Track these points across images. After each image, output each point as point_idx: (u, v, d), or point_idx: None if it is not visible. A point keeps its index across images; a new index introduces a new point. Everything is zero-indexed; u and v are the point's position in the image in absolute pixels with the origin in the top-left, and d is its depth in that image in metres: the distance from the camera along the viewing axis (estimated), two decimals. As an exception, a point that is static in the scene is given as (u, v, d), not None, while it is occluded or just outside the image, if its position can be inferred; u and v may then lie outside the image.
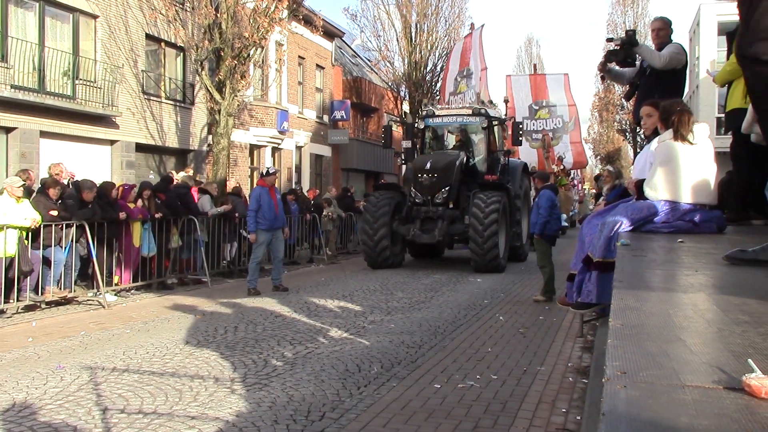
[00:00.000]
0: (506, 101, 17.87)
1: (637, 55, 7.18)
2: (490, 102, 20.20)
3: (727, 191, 6.05)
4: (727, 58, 6.24)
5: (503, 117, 17.67)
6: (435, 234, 14.74)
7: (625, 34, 7.28)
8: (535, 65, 47.14)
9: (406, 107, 31.89)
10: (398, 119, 31.30)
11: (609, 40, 7.39)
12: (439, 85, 29.42)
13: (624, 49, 7.15)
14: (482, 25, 24.78)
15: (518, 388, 5.80)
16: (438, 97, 27.90)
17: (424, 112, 17.18)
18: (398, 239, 15.41)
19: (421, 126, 17.00)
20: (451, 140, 17.05)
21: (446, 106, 18.63)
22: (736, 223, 5.67)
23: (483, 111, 16.46)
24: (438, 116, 16.79)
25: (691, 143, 4.42)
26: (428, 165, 15.09)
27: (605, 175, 9.76)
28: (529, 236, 10.14)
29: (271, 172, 11.86)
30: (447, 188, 14.99)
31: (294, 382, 5.88)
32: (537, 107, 28.78)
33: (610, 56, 7.30)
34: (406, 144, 17.70)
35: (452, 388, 5.73)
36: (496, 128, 16.84)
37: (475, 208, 14.14)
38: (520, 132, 16.63)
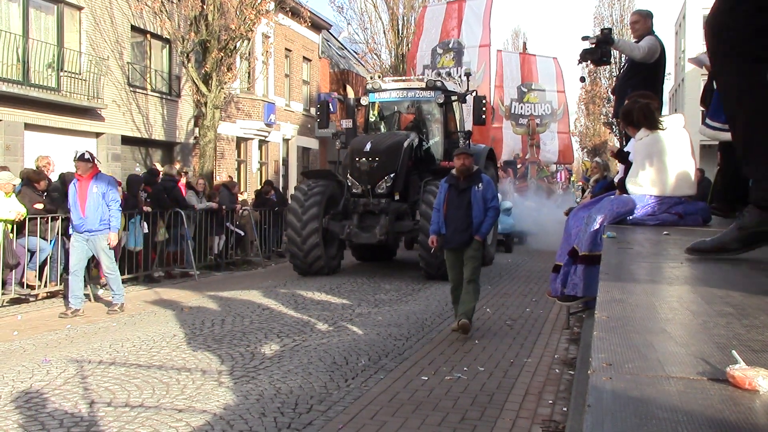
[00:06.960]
0: (468, 74, 15.05)
1: (617, 52, 7.16)
2: (448, 74, 18.24)
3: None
4: None
5: (464, 92, 14.47)
6: (376, 232, 12.16)
7: (601, 32, 7.23)
8: (524, 43, 46.57)
9: None
10: (340, 95, 26.49)
11: (584, 38, 7.33)
12: None
13: (600, 48, 7.14)
14: None
15: (505, 380, 5.83)
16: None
17: (369, 86, 14.32)
18: (333, 239, 12.89)
19: (365, 102, 14.20)
20: (400, 119, 14.56)
21: (401, 78, 15.78)
22: (723, 215, 5.71)
23: (439, 84, 13.85)
24: (385, 90, 14.02)
25: (662, 129, 4.45)
26: (368, 147, 12.41)
27: (592, 167, 9.76)
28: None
29: (84, 157, 8.74)
30: (391, 176, 12.39)
31: (281, 374, 5.88)
32: (526, 89, 27.51)
33: (585, 55, 7.29)
34: (347, 124, 14.81)
35: (439, 381, 5.76)
36: (455, 105, 14.30)
37: (426, 200, 11.65)
38: (483, 109, 13.70)
